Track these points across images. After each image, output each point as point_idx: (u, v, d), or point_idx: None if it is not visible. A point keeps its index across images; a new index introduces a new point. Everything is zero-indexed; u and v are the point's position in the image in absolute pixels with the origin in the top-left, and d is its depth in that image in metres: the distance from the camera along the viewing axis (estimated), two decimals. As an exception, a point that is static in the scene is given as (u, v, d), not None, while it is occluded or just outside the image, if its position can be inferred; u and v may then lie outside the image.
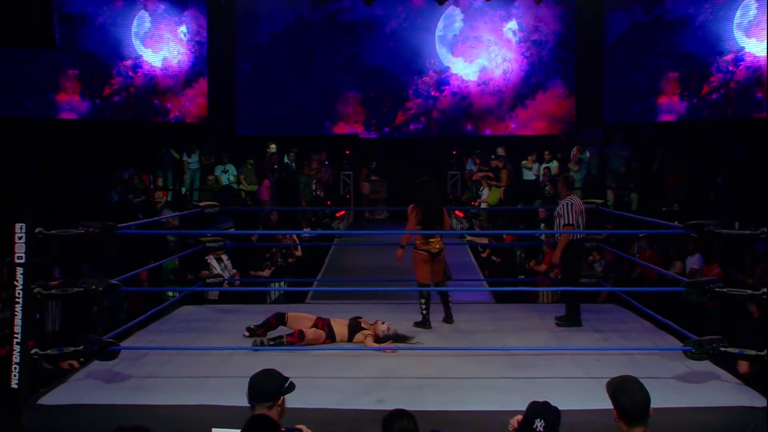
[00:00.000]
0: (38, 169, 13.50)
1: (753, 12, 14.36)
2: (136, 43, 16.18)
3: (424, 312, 6.86)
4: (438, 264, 7.01)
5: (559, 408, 3.22)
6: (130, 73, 16.23)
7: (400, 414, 3.29)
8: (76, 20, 15.78)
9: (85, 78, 16.03)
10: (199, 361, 5.79)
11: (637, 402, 3.07)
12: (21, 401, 4.84)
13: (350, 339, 6.32)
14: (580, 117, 15.93)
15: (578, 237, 7.06)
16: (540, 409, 3.18)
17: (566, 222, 6.96)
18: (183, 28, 16.39)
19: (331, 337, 6.33)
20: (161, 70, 16.33)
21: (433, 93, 16.59)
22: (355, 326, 6.37)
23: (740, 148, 12.88)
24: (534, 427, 3.09)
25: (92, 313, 8.51)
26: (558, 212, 7.13)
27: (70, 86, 16.03)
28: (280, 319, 6.52)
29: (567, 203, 7.04)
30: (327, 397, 4.90)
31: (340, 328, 6.38)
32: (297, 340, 6.16)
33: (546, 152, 13.85)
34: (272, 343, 6.16)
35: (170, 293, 8.62)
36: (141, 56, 16.22)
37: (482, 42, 16.42)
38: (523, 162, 14.12)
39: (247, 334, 6.51)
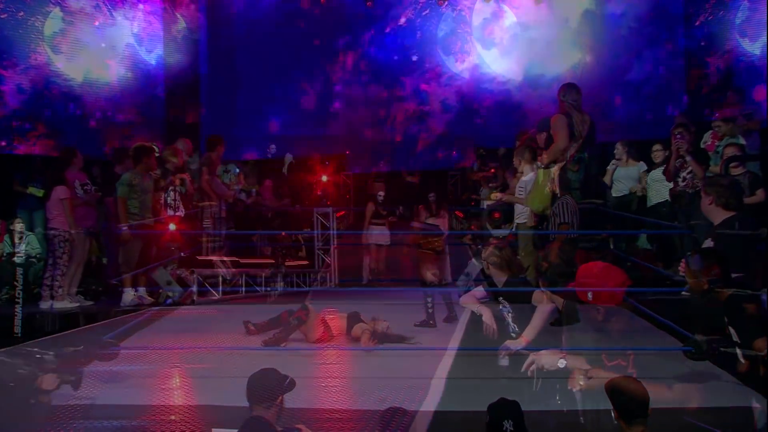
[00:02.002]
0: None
1: (746, 12, 14.34)
2: (132, 42, 16.12)
3: (430, 310, 6.91)
4: (443, 263, 7.15)
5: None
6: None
7: (396, 411, 3.29)
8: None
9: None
10: (199, 361, 5.79)
11: (636, 401, 3.08)
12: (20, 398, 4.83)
13: (349, 330, 6.37)
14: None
15: (573, 236, 7.18)
16: (506, 410, 3.17)
17: (561, 221, 7.07)
18: (180, 26, 16.32)
19: (328, 331, 6.38)
20: (157, 69, 16.27)
21: (432, 93, 16.56)
22: (354, 318, 6.42)
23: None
24: (504, 429, 3.09)
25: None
26: (554, 211, 7.24)
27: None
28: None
29: (562, 203, 7.16)
30: (327, 397, 4.90)
31: (336, 322, 6.45)
32: (302, 312, 6.35)
33: (544, 153, 13.78)
34: (284, 333, 6.25)
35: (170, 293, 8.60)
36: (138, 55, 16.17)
37: (481, 41, 16.40)
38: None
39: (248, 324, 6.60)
